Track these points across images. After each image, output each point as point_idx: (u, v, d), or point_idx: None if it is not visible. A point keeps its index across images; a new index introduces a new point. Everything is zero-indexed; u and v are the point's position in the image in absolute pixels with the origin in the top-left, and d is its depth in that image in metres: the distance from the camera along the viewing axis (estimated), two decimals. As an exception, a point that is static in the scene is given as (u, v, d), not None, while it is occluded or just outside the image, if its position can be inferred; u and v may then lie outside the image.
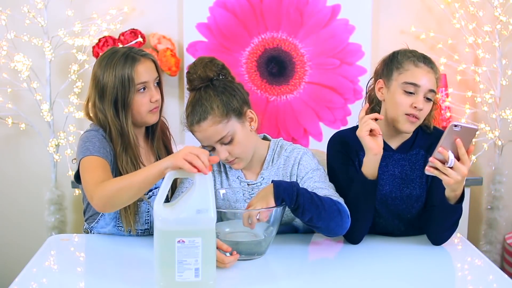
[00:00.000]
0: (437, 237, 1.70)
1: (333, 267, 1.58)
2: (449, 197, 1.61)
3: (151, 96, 1.73)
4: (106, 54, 1.74)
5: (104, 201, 1.52)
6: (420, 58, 1.72)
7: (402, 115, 1.69)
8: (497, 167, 2.79)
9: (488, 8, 2.71)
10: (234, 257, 1.52)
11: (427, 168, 1.54)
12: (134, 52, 1.74)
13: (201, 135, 1.64)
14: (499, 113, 2.73)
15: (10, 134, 2.79)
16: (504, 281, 1.50)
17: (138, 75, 1.70)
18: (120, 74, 1.69)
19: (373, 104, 1.84)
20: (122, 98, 1.69)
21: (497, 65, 2.72)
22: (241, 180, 1.73)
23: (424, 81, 1.68)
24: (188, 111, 1.66)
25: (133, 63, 1.70)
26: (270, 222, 1.57)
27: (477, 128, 1.50)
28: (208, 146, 1.65)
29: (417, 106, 1.67)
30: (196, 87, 1.66)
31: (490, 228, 2.83)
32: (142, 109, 1.73)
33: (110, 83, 1.69)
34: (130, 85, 1.69)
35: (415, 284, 1.47)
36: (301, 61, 2.78)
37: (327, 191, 1.64)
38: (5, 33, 2.58)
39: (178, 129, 2.79)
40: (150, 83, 1.74)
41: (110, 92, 1.69)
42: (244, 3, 2.72)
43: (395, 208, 1.76)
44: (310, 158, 1.72)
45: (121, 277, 1.50)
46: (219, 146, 1.63)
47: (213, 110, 1.60)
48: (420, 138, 1.78)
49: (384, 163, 1.76)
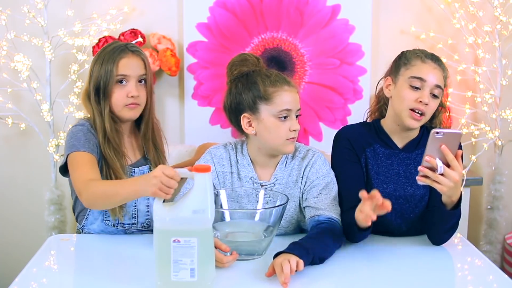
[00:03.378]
0: (437, 238, 1.71)
1: (332, 266, 1.58)
2: (446, 203, 1.61)
3: (128, 91, 1.78)
4: (103, 47, 1.83)
5: (91, 202, 1.63)
6: (427, 55, 1.75)
7: (407, 110, 1.71)
8: (497, 167, 2.79)
9: (488, 8, 2.71)
10: (233, 257, 1.52)
11: (418, 178, 1.53)
12: (127, 46, 1.81)
13: (292, 96, 1.69)
14: (499, 113, 2.73)
15: (10, 134, 2.78)
16: (504, 281, 1.50)
17: (119, 67, 1.77)
18: (106, 63, 1.77)
19: (380, 103, 1.85)
20: (103, 86, 1.77)
21: (497, 65, 2.72)
22: (254, 181, 1.73)
23: (430, 77, 1.70)
24: (272, 72, 1.72)
25: (119, 55, 1.78)
26: (270, 222, 1.57)
27: (461, 132, 1.49)
28: (286, 111, 1.66)
29: (422, 100, 1.68)
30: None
31: (490, 228, 2.83)
32: (118, 102, 1.78)
33: (96, 70, 1.79)
34: (110, 75, 1.76)
35: (416, 284, 1.48)
36: (301, 61, 2.78)
37: (331, 207, 1.67)
38: (5, 33, 2.58)
39: (179, 129, 2.81)
40: (132, 78, 1.79)
41: (95, 78, 1.78)
42: (244, 3, 2.72)
43: (399, 207, 1.76)
44: (323, 162, 1.74)
45: (121, 276, 1.50)
46: (294, 116, 1.69)
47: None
48: (426, 138, 1.78)
49: (389, 161, 1.77)
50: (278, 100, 1.66)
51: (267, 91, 1.66)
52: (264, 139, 1.67)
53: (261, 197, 1.71)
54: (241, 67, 1.73)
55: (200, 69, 2.74)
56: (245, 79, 1.71)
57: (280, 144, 1.67)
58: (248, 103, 1.68)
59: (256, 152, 1.74)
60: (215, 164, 1.75)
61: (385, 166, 1.77)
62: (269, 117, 1.66)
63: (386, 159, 1.78)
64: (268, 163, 1.73)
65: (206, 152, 1.78)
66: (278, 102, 1.66)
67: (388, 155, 1.77)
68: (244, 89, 1.69)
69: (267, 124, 1.66)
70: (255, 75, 1.70)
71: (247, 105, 1.68)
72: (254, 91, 1.67)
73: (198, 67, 2.74)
